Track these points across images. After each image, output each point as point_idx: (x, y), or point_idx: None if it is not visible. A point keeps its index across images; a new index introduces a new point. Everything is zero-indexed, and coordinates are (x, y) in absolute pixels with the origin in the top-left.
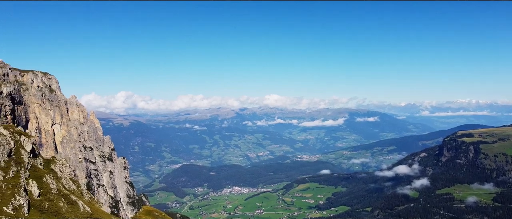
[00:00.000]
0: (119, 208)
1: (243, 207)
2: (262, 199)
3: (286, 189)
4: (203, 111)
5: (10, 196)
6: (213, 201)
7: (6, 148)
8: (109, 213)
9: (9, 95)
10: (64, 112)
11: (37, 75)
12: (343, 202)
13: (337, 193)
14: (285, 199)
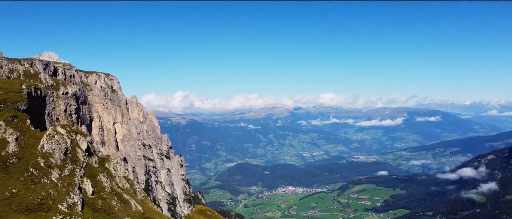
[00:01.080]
0: (175, 205)
1: (297, 207)
2: (317, 200)
3: (341, 190)
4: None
5: (65, 194)
6: (267, 200)
7: (62, 146)
8: (167, 209)
9: (74, 95)
10: (124, 111)
11: (100, 76)
12: (402, 205)
13: (395, 196)
14: (341, 200)
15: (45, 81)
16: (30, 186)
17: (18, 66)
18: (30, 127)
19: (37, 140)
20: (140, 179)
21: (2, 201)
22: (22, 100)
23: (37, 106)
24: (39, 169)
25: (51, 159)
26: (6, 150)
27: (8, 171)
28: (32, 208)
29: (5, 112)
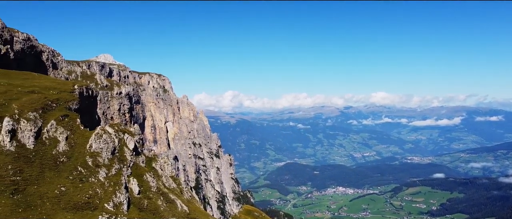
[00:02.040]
0: (225, 203)
1: (347, 208)
2: (368, 201)
3: (394, 192)
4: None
5: (111, 193)
6: (317, 201)
7: (110, 145)
8: (216, 207)
9: (127, 95)
10: (176, 110)
11: (152, 76)
12: (460, 210)
13: (452, 199)
14: (394, 203)
15: (101, 82)
16: (78, 185)
17: (76, 68)
18: (80, 126)
19: (86, 139)
20: (190, 177)
21: (51, 199)
22: (74, 100)
23: (88, 106)
24: (87, 168)
25: (99, 158)
26: (57, 148)
27: (58, 169)
28: (80, 207)
29: (56, 111)
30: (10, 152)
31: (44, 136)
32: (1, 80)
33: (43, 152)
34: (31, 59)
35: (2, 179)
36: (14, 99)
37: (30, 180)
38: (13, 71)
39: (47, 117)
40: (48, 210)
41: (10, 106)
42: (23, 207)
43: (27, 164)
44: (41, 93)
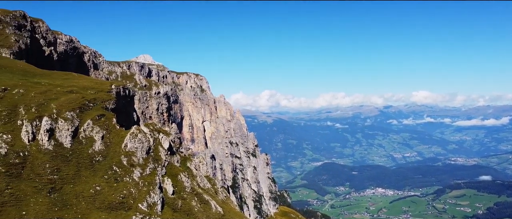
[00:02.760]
0: (261, 203)
1: (387, 210)
2: (409, 203)
3: (437, 194)
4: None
5: (145, 193)
6: (355, 202)
7: (145, 145)
8: (253, 206)
9: (165, 95)
10: (213, 109)
11: (190, 76)
12: (508, 214)
13: (500, 203)
14: (436, 205)
15: (140, 82)
16: (113, 184)
17: (116, 69)
18: (116, 125)
19: (122, 139)
20: (227, 176)
21: (87, 198)
22: (110, 100)
23: (125, 105)
24: (122, 167)
25: (133, 157)
26: (93, 148)
27: (94, 168)
28: (114, 207)
29: (93, 110)
30: (48, 150)
31: (80, 135)
32: (43, 80)
33: (79, 151)
34: (73, 60)
35: (40, 177)
36: (53, 99)
37: (67, 179)
38: (55, 72)
39: (84, 116)
40: (83, 210)
41: (49, 106)
42: (59, 206)
43: (64, 162)
44: (79, 93)
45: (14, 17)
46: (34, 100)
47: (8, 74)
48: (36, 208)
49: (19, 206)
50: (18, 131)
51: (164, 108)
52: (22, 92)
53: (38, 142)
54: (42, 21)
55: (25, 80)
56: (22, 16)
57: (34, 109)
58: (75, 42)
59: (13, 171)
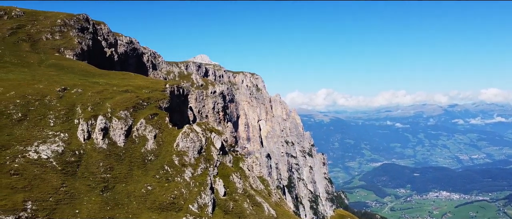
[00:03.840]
0: (318, 203)
1: (452, 215)
2: (477, 209)
3: (508, 199)
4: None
5: (196, 194)
6: (417, 205)
7: (197, 144)
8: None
9: (221, 94)
10: (268, 109)
11: (246, 75)
12: None
13: None
14: (508, 212)
15: (196, 81)
16: (164, 184)
17: (174, 69)
18: (168, 124)
19: (174, 138)
20: (282, 176)
21: (138, 198)
22: (164, 99)
23: (179, 104)
24: (173, 167)
25: (185, 157)
26: (145, 147)
27: (146, 168)
28: (165, 207)
29: (146, 110)
30: (102, 149)
31: (134, 134)
32: (101, 80)
33: (132, 150)
34: (133, 60)
35: (94, 176)
36: (109, 98)
37: (119, 178)
38: (113, 72)
39: (138, 115)
40: (134, 209)
41: (104, 105)
42: (111, 205)
43: (117, 161)
44: (134, 92)
45: (78, 20)
46: (90, 100)
47: (70, 75)
48: (89, 207)
49: (73, 205)
50: (75, 130)
51: (220, 107)
52: (80, 92)
53: (93, 140)
54: (104, 24)
55: (85, 80)
56: (85, 19)
57: (90, 108)
58: (135, 44)
59: (69, 169)
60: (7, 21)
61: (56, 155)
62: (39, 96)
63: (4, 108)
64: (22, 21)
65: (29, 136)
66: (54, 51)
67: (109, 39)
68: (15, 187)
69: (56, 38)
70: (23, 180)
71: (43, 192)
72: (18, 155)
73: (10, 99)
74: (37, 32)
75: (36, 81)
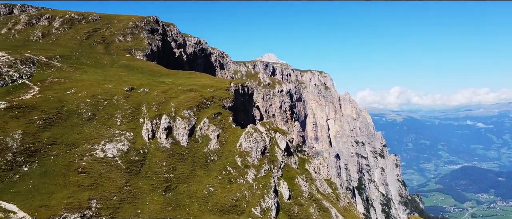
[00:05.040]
0: (390, 206)
1: None
2: None
3: None
4: (489, 106)
5: (259, 197)
6: (503, 212)
7: (260, 145)
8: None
9: (288, 93)
10: (337, 107)
11: (314, 74)
12: None
13: None
14: None
15: (263, 81)
16: (226, 186)
17: (241, 68)
18: (232, 124)
19: (237, 138)
20: (352, 177)
21: (200, 199)
22: (228, 98)
23: (244, 103)
24: (236, 168)
25: (248, 158)
26: (208, 147)
27: (208, 168)
28: (226, 210)
29: (210, 109)
30: (165, 148)
31: (197, 133)
32: (168, 80)
33: (195, 149)
34: (201, 60)
35: (157, 175)
36: (173, 97)
37: (182, 178)
38: (180, 71)
39: (201, 114)
40: (195, 211)
41: (168, 104)
42: (173, 206)
43: (180, 161)
44: (198, 91)
45: (148, 22)
46: (156, 99)
47: (138, 75)
48: (151, 207)
49: (135, 204)
50: (140, 129)
51: (287, 107)
52: (146, 91)
53: (157, 139)
54: (173, 25)
55: (152, 79)
56: (155, 21)
57: (155, 107)
58: (203, 44)
59: (133, 168)
60: (84, 25)
61: (121, 154)
62: (107, 96)
63: (75, 108)
64: (97, 25)
65: (97, 134)
66: (125, 52)
67: (178, 40)
68: (81, 185)
69: (128, 40)
70: (89, 178)
71: (108, 190)
72: (86, 153)
73: (81, 99)
74: (111, 34)
75: (106, 81)
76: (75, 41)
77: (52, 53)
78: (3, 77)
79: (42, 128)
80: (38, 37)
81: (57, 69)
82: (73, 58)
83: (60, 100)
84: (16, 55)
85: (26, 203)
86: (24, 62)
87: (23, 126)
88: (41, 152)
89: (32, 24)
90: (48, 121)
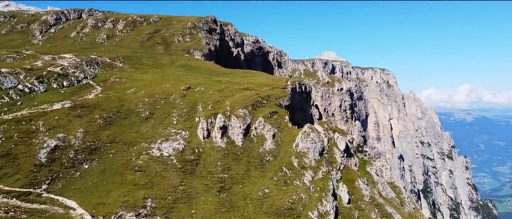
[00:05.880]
0: (459, 212)
1: None
2: None
3: None
4: None
5: (316, 200)
6: None
7: (318, 145)
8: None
9: (348, 91)
10: (401, 106)
11: (375, 71)
12: None
13: None
14: None
15: (322, 79)
16: (282, 188)
17: (299, 66)
18: (288, 123)
19: (294, 137)
20: (417, 179)
21: (254, 201)
22: (285, 96)
23: (301, 102)
24: (292, 169)
25: (305, 159)
26: (263, 147)
27: (264, 169)
28: (282, 213)
29: (266, 108)
30: (220, 148)
31: (252, 133)
32: (224, 78)
33: (250, 149)
34: (259, 59)
35: (211, 175)
36: (229, 96)
37: (236, 179)
38: (236, 70)
39: (257, 113)
40: (249, 213)
41: (224, 103)
42: (227, 207)
43: (234, 161)
44: (254, 90)
45: (206, 22)
46: (211, 98)
47: (196, 74)
48: (205, 208)
49: (189, 204)
50: (195, 128)
51: (347, 105)
52: (203, 90)
53: (212, 139)
54: (231, 25)
55: (208, 79)
56: (213, 21)
57: (210, 106)
58: (261, 43)
59: (188, 168)
60: (146, 27)
61: (177, 153)
62: (165, 95)
63: (134, 107)
64: (158, 26)
65: (154, 133)
66: (184, 52)
67: (236, 39)
68: (137, 184)
69: (187, 40)
70: (145, 177)
71: (163, 189)
72: (142, 152)
73: (140, 98)
74: (170, 35)
75: (164, 80)
76: (136, 43)
77: (115, 54)
78: (69, 78)
79: (102, 127)
80: (103, 40)
81: (119, 70)
82: (134, 59)
83: (120, 100)
84: (82, 57)
85: (85, 200)
86: (89, 63)
87: (85, 124)
88: (100, 150)
89: (98, 27)
90: (108, 120)
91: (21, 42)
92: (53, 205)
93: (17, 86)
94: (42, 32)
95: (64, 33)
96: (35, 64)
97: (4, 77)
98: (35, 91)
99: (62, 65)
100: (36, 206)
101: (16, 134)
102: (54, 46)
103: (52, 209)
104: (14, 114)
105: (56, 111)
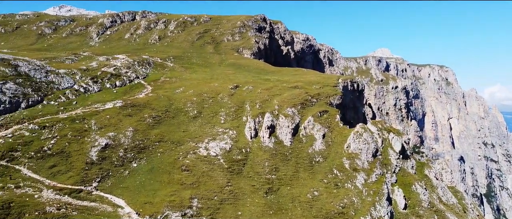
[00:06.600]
0: None
1: None
2: None
3: None
4: None
5: (370, 204)
6: None
7: (371, 146)
8: None
9: (404, 89)
10: (461, 105)
11: (433, 68)
12: None
13: None
14: None
15: (376, 77)
16: (333, 190)
17: (352, 64)
18: (339, 123)
19: (345, 138)
20: (480, 183)
21: (303, 204)
22: (335, 95)
23: (353, 101)
24: (343, 171)
25: (357, 160)
26: (313, 147)
27: (313, 170)
28: (332, 217)
29: (315, 106)
30: (268, 148)
31: (301, 132)
32: (273, 77)
33: (299, 150)
34: (310, 57)
35: (259, 176)
36: (277, 95)
37: (284, 180)
38: (285, 68)
39: (305, 112)
40: (298, 217)
41: (272, 102)
42: (274, 209)
43: (282, 162)
44: (303, 88)
45: (256, 21)
46: (259, 97)
47: (244, 73)
48: (251, 209)
49: (235, 206)
50: (243, 127)
51: (402, 104)
52: (251, 89)
53: (260, 138)
54: (281, 23)
55: (257, 77)
56: (262, 19)
57: (258, 105)
58: (311, 40)
59: (235, 168)
60: (196, 27)
61: (224, 152)
62: (213, 94)
63: (182, 106)
64: (208, 26)
65: (201, 132)
66: (233, 51)
67: (286, 37)
68: (184, 183)
69: (236, 39)
70: (192, 177)
71: (209, 190)
72: (190, 151)
73: (189, 98)
74: (220, 35)
75: (213, 80)
76: (187, 42)
77: (166, 54)
78: (121, 78)
79: (151, 126)
80: (155, 40)
81: (169, 70)
82: (184, 58)
83: (169, 99)
84: (134, 57)
85: (133, 198)
86: (141, 63)
87: (134, 123)
88: (149, 149)
89: (150, 29)
90: (157, 119)
91: (80, 44)
92: (102, 203)
93: (73, 86)
94: (99, 34)
95: (119, 34)
96: (90, 65)
97: (61, 77)
98: (89, 91)
99: (115, 66)
100: (86, 203)
101: (70, 132)
102: (109, 48)
103: (101, 206)
104: (69, 113)
105: (108, 110)
